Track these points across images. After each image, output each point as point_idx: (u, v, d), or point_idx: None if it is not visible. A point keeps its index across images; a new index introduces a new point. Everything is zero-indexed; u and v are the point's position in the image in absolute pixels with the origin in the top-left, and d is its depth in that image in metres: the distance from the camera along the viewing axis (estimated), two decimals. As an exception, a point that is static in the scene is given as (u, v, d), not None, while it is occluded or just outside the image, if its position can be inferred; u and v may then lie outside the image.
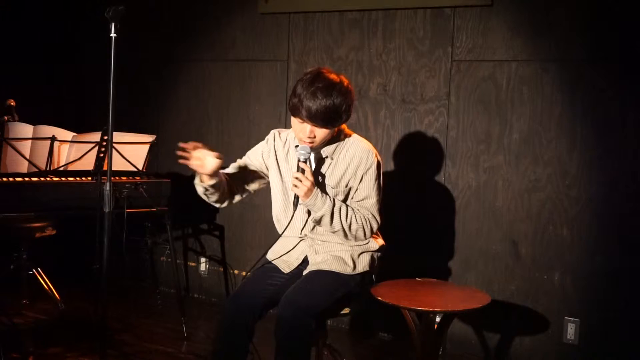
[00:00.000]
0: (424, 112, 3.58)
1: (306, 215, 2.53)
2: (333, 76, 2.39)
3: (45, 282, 3.82)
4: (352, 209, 2.49)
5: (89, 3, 4.51)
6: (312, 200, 2.39)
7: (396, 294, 2.54)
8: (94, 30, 3.41)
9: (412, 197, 3.59)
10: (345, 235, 2.49)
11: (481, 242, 3.46)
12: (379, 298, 2.48)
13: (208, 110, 4.29)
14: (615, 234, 3.16)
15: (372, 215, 2.52)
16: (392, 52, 3.63)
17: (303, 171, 2.39)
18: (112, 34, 2.39)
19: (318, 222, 2.46)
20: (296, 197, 2.42)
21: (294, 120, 2.42)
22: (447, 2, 3.45)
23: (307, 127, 2.38)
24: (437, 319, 2.55)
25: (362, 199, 2.52)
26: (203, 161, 2.36)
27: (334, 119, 2.38)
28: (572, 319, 3.26)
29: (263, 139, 4.05)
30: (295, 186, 2.37)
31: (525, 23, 3.30)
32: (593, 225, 3.20)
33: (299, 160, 2.40)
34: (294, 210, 2.47)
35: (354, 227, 2.47)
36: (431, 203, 3.57)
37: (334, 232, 2.49)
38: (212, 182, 2.45)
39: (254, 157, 2.66)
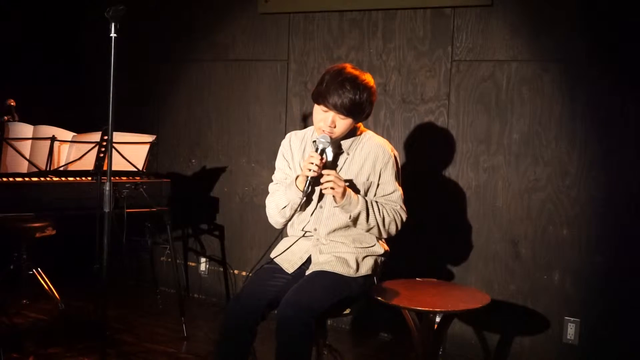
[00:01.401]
0: (424, 112, 3.57)
1: (313, 207, 2.55)
2: (360, 72, 2.48)
3: (45, 282, 3.82)
4: (381, 204, 2.52)
5: (89, 3, 4.51)
6: (347, 200, 2.42)
7: (396, 294, 2.54)
8: (95, 30, 3.42)
9: (412, 197, 3.58)
10: (380, 231, 2.52)
11: (481, 242, 3.46)
12: (380, 298, 2.48)
13: (208, 110, 4.29)
14: (615, 234, 3.15)
15: (400, 206, 2.57)
16: (392, 52, 3.63)
17: (319, 151, 2.42)
18: (112, 34, 2.40)
19: (355, 221, 2.48)
20: (308, 185, 2.43)
21: (317, 109, 2.48)
22: (447, 2, 3.45)
23: (330, 116, 2.43)
24: (437, 319, 2.55)
25: (388, 194, 2.57)
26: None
27: (357, 112, 2.45)
28: (572, 319, 3.26)
29: (263, 138, 4.10)
30: (332, 188, 2.38)
31: (525, 23, 3.30)
32: (593, 225, 3.20)
33: (317, 149, 2.43)
34: (304, 198, 2.46)
35: (387, 220, 2.52)
36: (431, 203, 3.57)
37: (369, 230, 2.52)
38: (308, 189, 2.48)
39: (282, 164, 2.68)
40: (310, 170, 2.40)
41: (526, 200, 3.34)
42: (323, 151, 2.44)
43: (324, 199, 2.55)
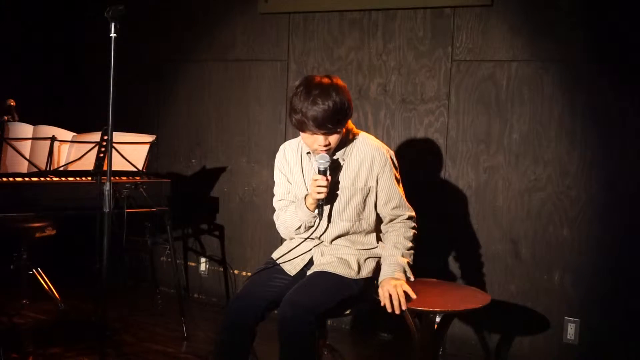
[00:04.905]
0: (424, 112, 3.57)
1: (325, 221, 2.54)
2: (324, 79, 2.40)
3: (45, 282, 3.82)
4: (400, 242, 2.52)
5: (89, 3, 4.51)
6: (402, 275, 2.47)
7: (396, 294, 2.54)
8: (94, 30, 3.42)
9: (412, 197, 3.58)
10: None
11: (481, 242, 3.46)
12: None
13: (208, 110, 4.29)
14: (615, 234, 3.15)
15: (407, 216, 2.59)
16: (392, 52, 3.63)
17: (324, 172, 2.42)
18: (112, 34, 2.40)
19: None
20: (321, 207, 2.46)
21: (304, 135, 2.43)
22: (447, 2, 3.45)
23: (320, 136, 2.38)
24: (437, 319, 2.54)
25: (388, 201, 2.55)
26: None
27: (341, 119, 2.38)
28: (572, 319, 3.26)
29: (263, 138, 4.10)
30: (395, 288, 2.39)
31: (525, 23, 3.30)
32: (593, 225, 3.20)
33: (319, 171, 2.42)
34: (320, 219, 2.51)
35: (413, 243, 2.57)
36: (431, 203, 3.56)
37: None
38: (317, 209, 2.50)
39: (281, 179, 2.66)
40: (320, 193, 2.40)
41: (526, 200, 3.34)
42: (325, 170, 2.42)
43: (333, 211, 2.55)
